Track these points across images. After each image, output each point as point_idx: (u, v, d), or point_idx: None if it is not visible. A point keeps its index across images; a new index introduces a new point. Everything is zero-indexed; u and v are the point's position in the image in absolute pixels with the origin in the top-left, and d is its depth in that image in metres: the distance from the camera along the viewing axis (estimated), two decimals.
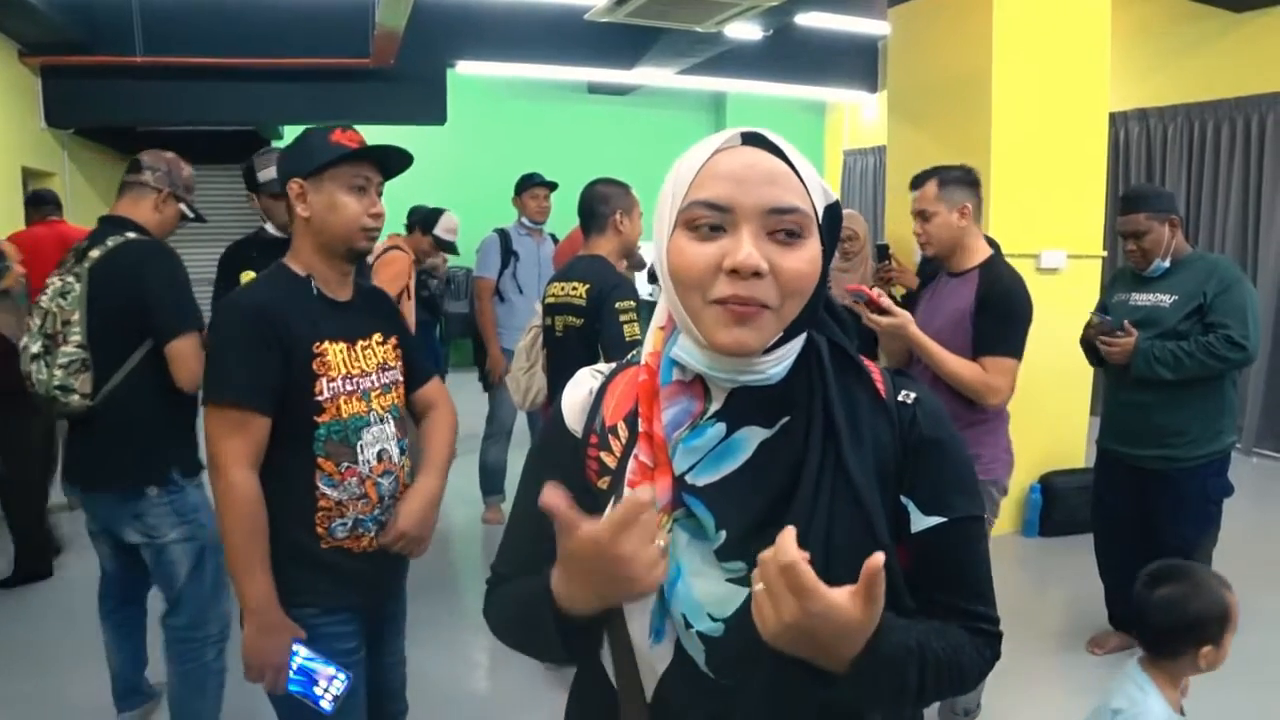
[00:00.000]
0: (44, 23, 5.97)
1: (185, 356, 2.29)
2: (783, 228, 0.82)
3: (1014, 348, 2.43)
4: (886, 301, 2.44)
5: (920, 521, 0.89)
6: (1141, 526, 2.99)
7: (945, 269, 2.64)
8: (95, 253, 2.34)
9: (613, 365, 1.01)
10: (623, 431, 0.92)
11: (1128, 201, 3.02)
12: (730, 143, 0.85)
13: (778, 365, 0.86)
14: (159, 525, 2.37)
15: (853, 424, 0.87)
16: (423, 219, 4.53)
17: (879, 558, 0.73)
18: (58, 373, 2.27)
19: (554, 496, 0.79)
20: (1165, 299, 2.94)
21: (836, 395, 0.87)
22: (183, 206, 2.57)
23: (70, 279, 2.33)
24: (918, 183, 2.62)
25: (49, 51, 6.56)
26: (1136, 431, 2.93)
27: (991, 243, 3.75)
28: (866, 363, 0.93)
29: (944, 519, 0.89)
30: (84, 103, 7.01)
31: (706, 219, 0.82)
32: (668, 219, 0.86)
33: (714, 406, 0.87)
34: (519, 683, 3.08)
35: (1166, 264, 2.96)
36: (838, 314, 0.93)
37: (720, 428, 0.86)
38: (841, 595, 0.74)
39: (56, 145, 7.39)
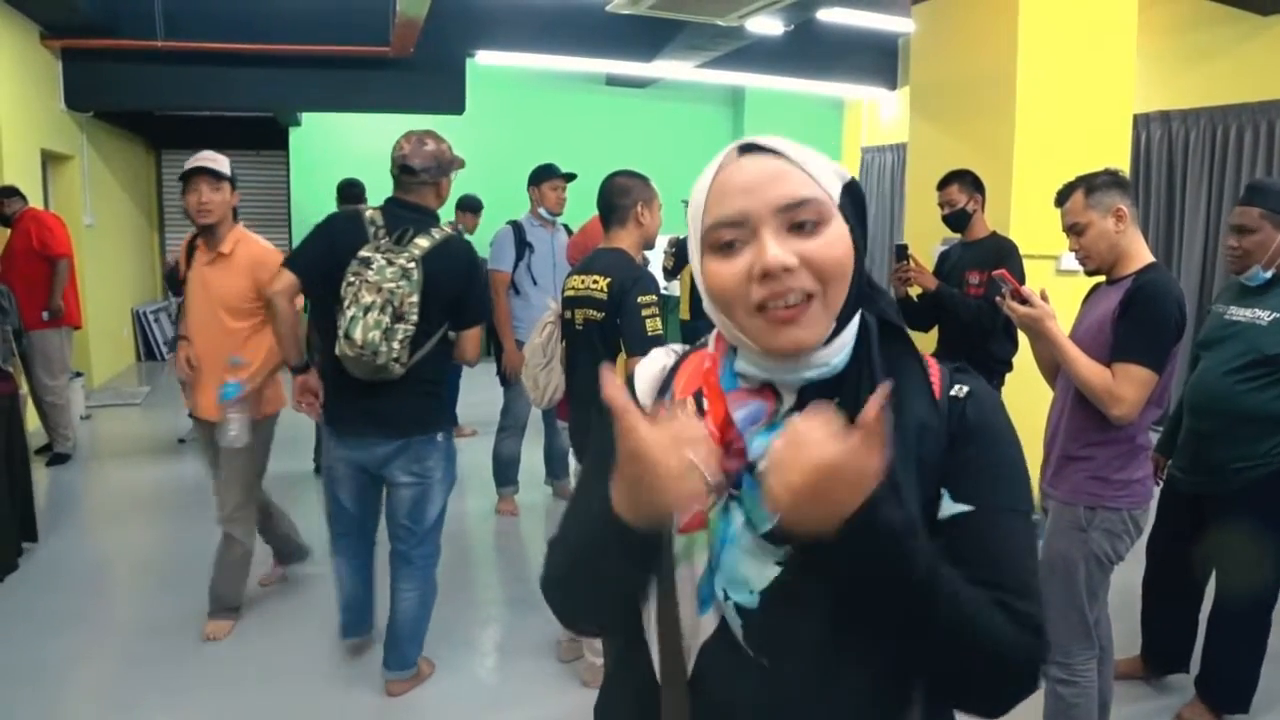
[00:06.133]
0: (66, 6, 6.00)
1: (475, 340, 2.84)
2: (800, 219, 0.84)
3: (1149, 358, 2.19)
4: (1029, 292, 2.31)
5: (948, 508, 0.88)
6: (1200, 563, 2.75)
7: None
8: (423, 241, 2.63)
9: (686, 346, 1.03)
10: (690, 407, 0.92)
11: (1248, 191, 2.66)
12: (729, 159, 0.88)
13: (839, 355, 0.88)
14: (435, 468, 2.84)
15: (895, 400, 0.85)
16: (470, 204, 6.20)
17: (876, 402, 0.74)
18: (395, 346, 2.58)
19: (616, 390, 0.77)
20: (1265, 316, 2.57)
21: (880, 372, 0.87)
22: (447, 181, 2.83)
23: (403, 262, 2.58)
24: (1062, 198, 2.42)
25: (70, 34, 6.60)
26: (1194, 459, 2.68)
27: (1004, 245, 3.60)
28: (927, 359, 0.94)
29: (971, 507, 0.88)
30: (104, 86, 7.06)
31: (727, 236, 0.85)
32: (696, 247, 0.89)
33: (785, 407, 0.89)
34: (532, 673, 3.09)
35: (1268, 275, 2.57)
36: (878, 287, 0.94)
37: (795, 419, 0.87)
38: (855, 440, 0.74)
39: (75, 128, 7.43)
